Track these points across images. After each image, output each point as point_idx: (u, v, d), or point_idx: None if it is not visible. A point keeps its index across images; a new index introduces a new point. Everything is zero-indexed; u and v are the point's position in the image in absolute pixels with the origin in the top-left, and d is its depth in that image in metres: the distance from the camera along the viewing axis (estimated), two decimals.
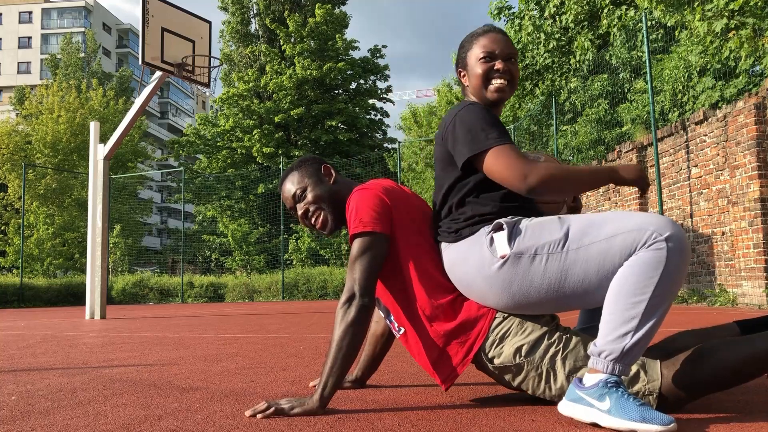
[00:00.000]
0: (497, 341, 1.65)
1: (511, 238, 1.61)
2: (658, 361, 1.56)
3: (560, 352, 1.61)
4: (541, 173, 1.56)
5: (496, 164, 1.61)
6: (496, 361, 1.65)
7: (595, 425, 1.44)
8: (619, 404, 1.40)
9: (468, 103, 1.74)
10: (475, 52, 1.80)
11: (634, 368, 1.55)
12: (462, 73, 1.85)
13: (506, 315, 1.68)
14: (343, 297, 1.67)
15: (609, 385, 1.43)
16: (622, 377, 1.49)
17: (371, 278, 1.68)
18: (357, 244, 1.70)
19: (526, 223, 1.63)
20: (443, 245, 1.77)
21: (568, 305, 1.61)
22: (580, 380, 1.50)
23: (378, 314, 2.06)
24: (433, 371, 1.73)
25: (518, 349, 1.63)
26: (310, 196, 1.90)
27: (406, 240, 1.75)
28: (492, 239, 1.63)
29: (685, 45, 9.68)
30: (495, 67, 1.77)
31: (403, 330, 1.78)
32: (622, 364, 1.45)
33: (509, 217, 1.66)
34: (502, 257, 1.60)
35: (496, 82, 1.77)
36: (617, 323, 1.46)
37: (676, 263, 1.44)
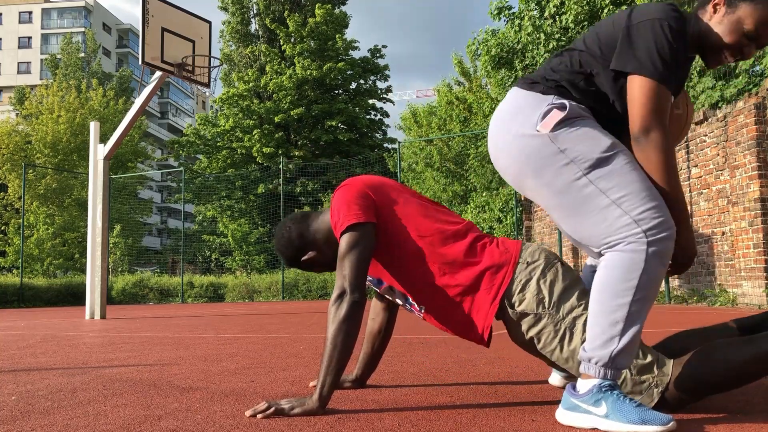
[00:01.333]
0: (520, 287, 1.65)
1: (563, 124, 1.55)
2: (672, 360, 1.56)
3: (584, 316, 1.60)
4: (660, 143, 1.48)
5: (640, 96, 1.50)
6: (518, 308, 1.64)
7: (596, 430, 1.43)
8: (616, 407, 1.40)
9: (682, 22, 1.53)
10: (750, 16, 1.53)
11: (648, 358, 1.55)
12: (719, 4, 1.58)
13: (530, 261, 1.67)
14: (334, 294, 1.67)
15: (604, 389, 1.43)
16: (629, 371, 1.49)
17: (361, 273, 1.68)
18: (343, 240, 1.70)
19: (588, 122, 1.56)
20: (514, 88, 1.70)
21: (545, 207, 1.62)
22: (574, 387, 1.50)
23: (374, 311, 2.07)
24: (467, 332, 1.71)
25: (541, 300, 1.62)
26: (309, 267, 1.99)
27: (395, 217, 1.76)
28: (549, 111, 1.58)
29: None
30: (744, 48, 1.57)
31: (423, 308, 1.77)
32: (613, 369, 1.45)
33: (582, 108, 1.59)
34: (538, 131, 1.57)
35: (728, 58, 1.60)
36: (603, 327, 1.47)
37: (654, 268, 1.45)
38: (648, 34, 1.51)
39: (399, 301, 1.86)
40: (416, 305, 1.79)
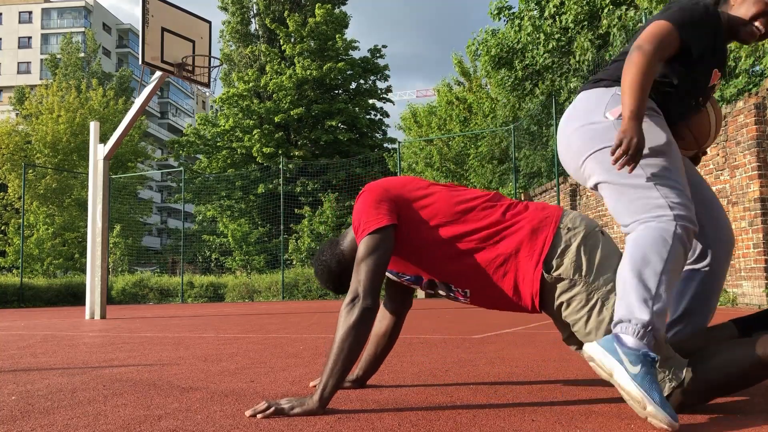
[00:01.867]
0: (559, 252, 1.64)
1: None
2: (687, 360, 1.56)
3: None
4: (648, 53, 1.62)
5: (653, 27, 1.69)
6: (554, 272, 1.63)
7: (609, 378, 1.45)
8: (647, 378, 1.41)
9: (717, 10, 1.77)
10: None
11: (669, 352, 1.55)
12: None
13: (571, 227, 1.66)
14: (348, 297, 1.67)
15: (648, 359, 1.44)
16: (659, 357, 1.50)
17: (376, 280, 1.67)
18: (362, 245, 1.70)
19: (653, 117, 1.71)
20: (581, 92, 1.84)
21: (599, 184, 1.72)
22: (620, 338, 1.49)
23: (381, 314, 2.06)
24: (516, 304, 1.70)
25: (579, 266, 1.62)
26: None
27: (420, 213, 1.75)
28: (618, 100, 1.71)
29: None
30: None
31: (468, 291, 1.75)
32: (651, 330, 1.46)
33: (651, 102, 1.74)
34: (606, 117, 1.70)
35: (759, 28, 1.76)
36: (638, 293, 1.50)
37: (678, 248, 1.54)
38: (685, 3, 1.75)
39: (442, 293, 1.84)
40: (460, 291, 1.77)
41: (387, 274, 1.88)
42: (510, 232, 1.68)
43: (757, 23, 1.75)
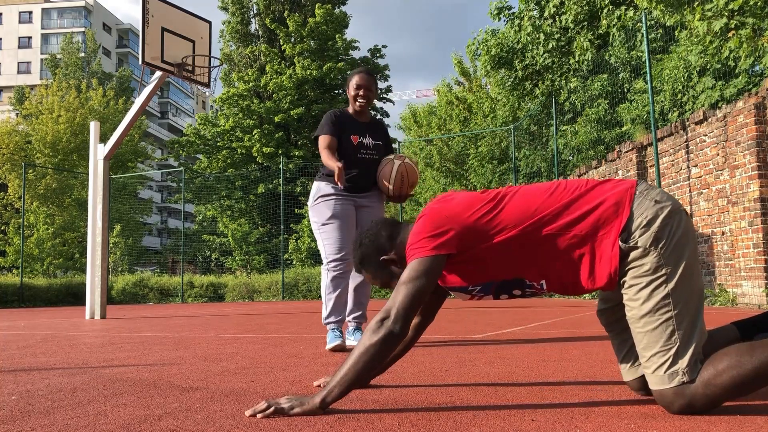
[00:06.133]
0: (645, 222, 1.60)
1: None
2: (703, 364, 1.55)
3: (683, 283, 1.56)
4: None
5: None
6: (631, 241, 1.60)
7: None
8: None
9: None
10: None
11: (697, 350, 1.55)
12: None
13: (658, 200, 1.62)
14: (379, 315, 1.66)
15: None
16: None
17: (412, 306, 1.66)
18: (409, 268, 1.69)
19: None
20: None
21: None
22: None
23: None
24: (592, 283, 1.66)
25: (658, 238, 1.58)
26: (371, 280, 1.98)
27: (483, 229, 1.70)
28: None
29: (684, 45, 9.68)
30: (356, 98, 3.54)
31: (544, 282, 1.73)
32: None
33: None
34: None
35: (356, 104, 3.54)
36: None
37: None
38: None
39: (517, 291, 1.80)
40: (536, 284, 1.74)
41: (456, 293, 1.86)
42: (585, 213, 1.66)
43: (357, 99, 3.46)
